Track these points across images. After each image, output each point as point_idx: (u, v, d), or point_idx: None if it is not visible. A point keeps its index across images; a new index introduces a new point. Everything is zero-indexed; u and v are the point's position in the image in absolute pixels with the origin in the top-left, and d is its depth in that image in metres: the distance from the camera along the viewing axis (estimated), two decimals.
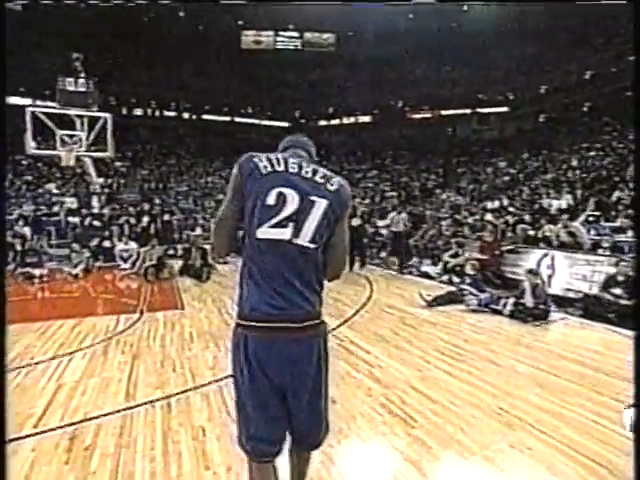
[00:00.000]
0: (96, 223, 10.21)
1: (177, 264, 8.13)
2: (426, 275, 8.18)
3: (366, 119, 27.76)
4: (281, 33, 26.90)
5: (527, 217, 9.77)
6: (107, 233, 9.39)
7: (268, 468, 1.47)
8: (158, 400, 2.81)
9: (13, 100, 21.28)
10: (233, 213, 1.39)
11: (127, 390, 2.98)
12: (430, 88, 25.65)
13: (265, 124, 27.05)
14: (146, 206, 11.69)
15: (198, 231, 12.03)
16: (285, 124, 27.49)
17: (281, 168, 1.37)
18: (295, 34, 27.02)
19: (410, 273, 8.44)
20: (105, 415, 2.61)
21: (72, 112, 9.90)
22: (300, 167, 1.39)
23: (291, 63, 25.85)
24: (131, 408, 2.70)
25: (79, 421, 2.54)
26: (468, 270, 6.58)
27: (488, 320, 5.00)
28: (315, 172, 1.40)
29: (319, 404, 1.48)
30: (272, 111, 27.40)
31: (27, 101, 20.96)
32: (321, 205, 1.35)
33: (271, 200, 1.31)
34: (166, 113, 24.86)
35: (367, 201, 17.74)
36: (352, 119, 27.89)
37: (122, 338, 4.15)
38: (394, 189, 19.33)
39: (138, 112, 24.28)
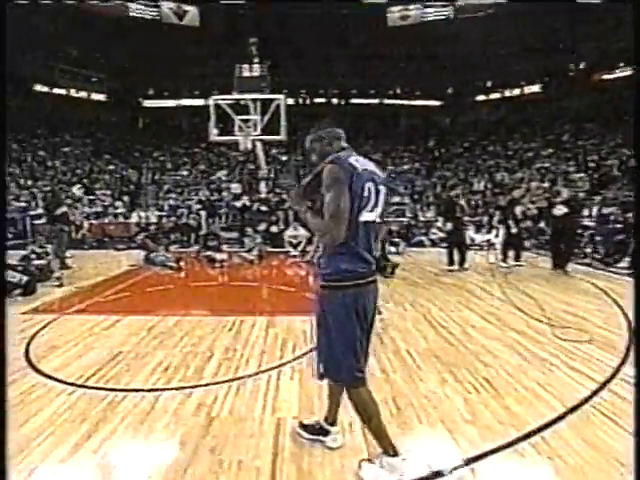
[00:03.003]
0: (263, 208, 10.36)
1: None
2: None
3: (535, 89, 23.45)
4: (429, 3, 24.38)
5: None
6: (274, 218, 9.33)
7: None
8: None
9: (190, 102, 24.22)
10: (346, 205, 1.71)
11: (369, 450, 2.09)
12: (624, 39, 20.01)
13: (415, 104, 25.12)
14: None
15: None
16: (437, 103, 25.12)
17: (362, 167, 1.79)
18: (445, 2, 24.16)
19: None
20: None
21: (248, 97, 10.08)
22: (365, 164, 1.83)
23: (442, 36, 23.18)
24: None
25: None
26: None
27: None
28: (372, 166, 1.89)
29: None
30: (422, 90, 25.30)
31: (198, 102, 23.53)
32: (383, 191, 1.86)
33: (365, 192, 1.76)
34: (316, 100, 25.06)
35: (546, 185, 14.72)
36: (516, 91, 23.88)
37: None
38: (580, 170, 15.67)
39: (290, 101, 25.01)
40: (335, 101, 25.04)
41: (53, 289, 5.82)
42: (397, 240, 9.12)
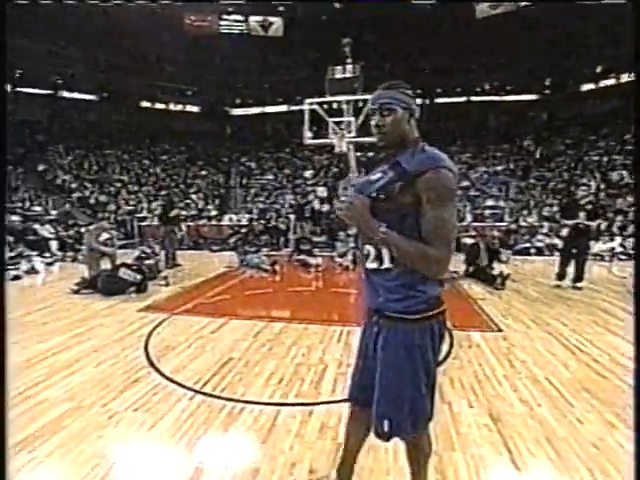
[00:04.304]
0: None
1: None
2: None
3: None
4: None
5: None
6: None
7: None
8: None
9: (273, 109, 25.15)
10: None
11: None
12: None
13: (507, 100, 23.23)
14: None
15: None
16: (532, 97, 22.95)
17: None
18: None
19: None
20: None
21: (343, 98, 9.97)
22: None
23: (541, 22, 20.98)
24: None
25: None
26: None
27: None
28: None
29: None
30: (515, 84, 23.31)
31: (281, 108, 24.37)
32: None
33: None
34: None
35: None
36: (634, 75, 20.87)
37: (453, 374, 3.00)
38: None
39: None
40: (419, 101, 24.09)
41: (161, 288, 6.17)
42: (499, 248, 8.27)
